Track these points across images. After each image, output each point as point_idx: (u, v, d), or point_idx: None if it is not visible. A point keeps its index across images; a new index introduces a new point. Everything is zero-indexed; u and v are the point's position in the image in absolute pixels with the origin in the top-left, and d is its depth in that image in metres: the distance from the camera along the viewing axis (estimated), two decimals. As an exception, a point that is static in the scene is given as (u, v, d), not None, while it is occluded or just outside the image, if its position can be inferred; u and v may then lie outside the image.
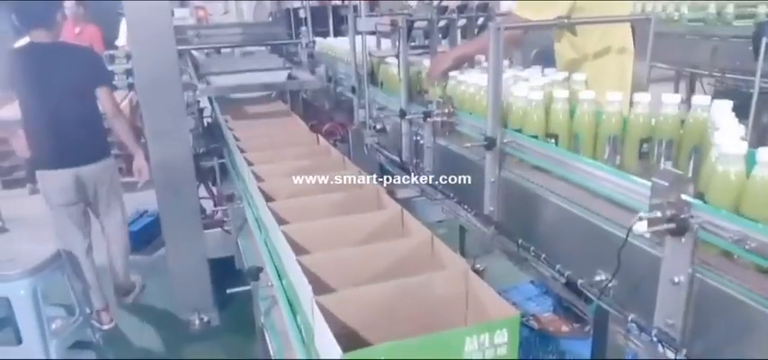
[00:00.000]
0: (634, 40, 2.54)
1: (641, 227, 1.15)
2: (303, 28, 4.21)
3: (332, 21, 5.18)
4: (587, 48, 2.58)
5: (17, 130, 3.38)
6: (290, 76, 3.54)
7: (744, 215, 1.12)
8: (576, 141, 1.76)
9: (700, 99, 1.53)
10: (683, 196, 1.14)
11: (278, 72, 3.49)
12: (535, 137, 1.80)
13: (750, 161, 1.18)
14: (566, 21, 2.27)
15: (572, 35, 2.57)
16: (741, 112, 1.61)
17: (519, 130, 1.85)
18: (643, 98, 1.63)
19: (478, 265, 2.57)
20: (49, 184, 3.40)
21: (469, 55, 2.53)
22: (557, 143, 1.79)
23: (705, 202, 1.17)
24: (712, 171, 1.22)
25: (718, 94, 4.80)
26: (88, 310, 3.29)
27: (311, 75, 3.62)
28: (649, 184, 1.20)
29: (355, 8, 2.83)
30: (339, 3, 5.22)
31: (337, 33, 4.76)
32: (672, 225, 1.14)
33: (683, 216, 1.13)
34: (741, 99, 4.46)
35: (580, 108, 1.74)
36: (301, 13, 4.33)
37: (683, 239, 1.15)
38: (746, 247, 1.05)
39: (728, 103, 1.46)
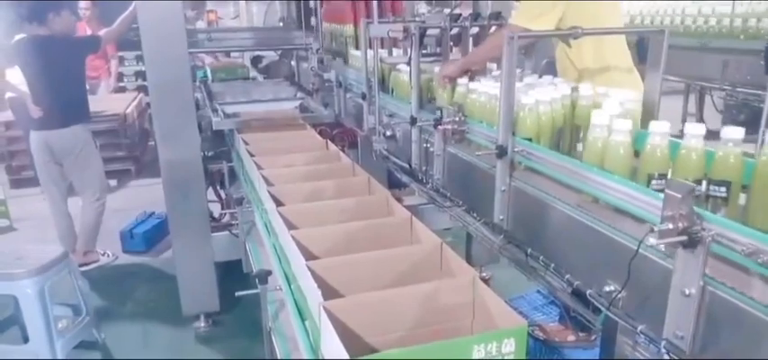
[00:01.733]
0: (638, 52, 2.53)
1: (653, 239, 1.15)
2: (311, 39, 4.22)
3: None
4: (583, 61, 2.58)
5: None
6: (302, 107, 3.57)
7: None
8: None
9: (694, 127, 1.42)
10: (696, 209, 1.13)
11: (290, 102, 3.53)
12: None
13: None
14: (564, 31, 2.25)
15: (567, 48, 2.57)
16: (751, 126, 1.60)
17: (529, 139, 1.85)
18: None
19: (485, 273, 2.57)
20: (31, 143, 4.27)
21: (477, 61, 2.55)
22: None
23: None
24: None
25: (728, 108, 4.81)
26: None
27: (322, 105, 3.68)
28: (661, 195, 1.19)
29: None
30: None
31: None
32: (684, 237, 1.13)
33: (695, 229, 1.13)
34: (752, 113, 4.47)
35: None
36: (312, 22, 4.34)
37: (694, 252, 1.14)
38: (759, 260, 1.05)
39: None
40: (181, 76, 3.05)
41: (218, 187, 4.09)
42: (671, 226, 1.14)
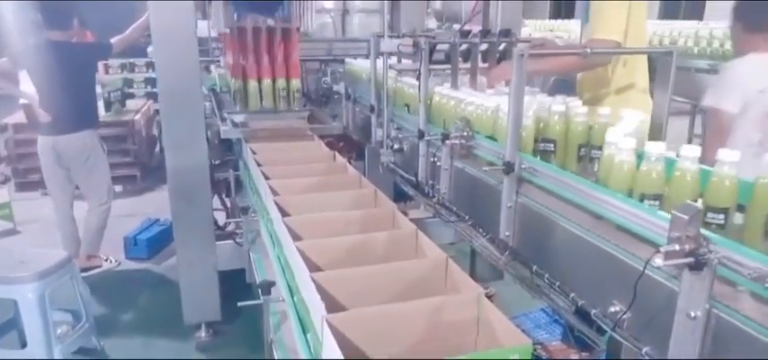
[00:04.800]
0: (650, 73, 2.57)
1: (659, 260, 1.15)
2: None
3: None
4: (613, 80, 2.62)
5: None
6: (310, 118, 3.58)
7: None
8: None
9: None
10: (702, 231, 1.13)
11: (298, 114, 3.53)
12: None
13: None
14: (574, 50, 2.30)
15: (615, 65, 2.63)
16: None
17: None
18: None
19: (489, 290, 2.55)
20: (38, 147, 4.28)
21: (544, 70, 2.71)
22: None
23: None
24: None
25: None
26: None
27: (331, 117, 3.67)
28: (668, 216, 1.19)
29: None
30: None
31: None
32: (690, 259, 1.13)
33: (701, 251, 1.12)
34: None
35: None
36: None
37: (701, 274, 1.14)
38: (766, 284, 1.04)
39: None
40: (191, 85, 3.07)
41: (223, 196, 4.10)
42: (677, 247, 1.13)
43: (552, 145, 1.92)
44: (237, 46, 3.28)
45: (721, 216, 1.33)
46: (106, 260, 4.56)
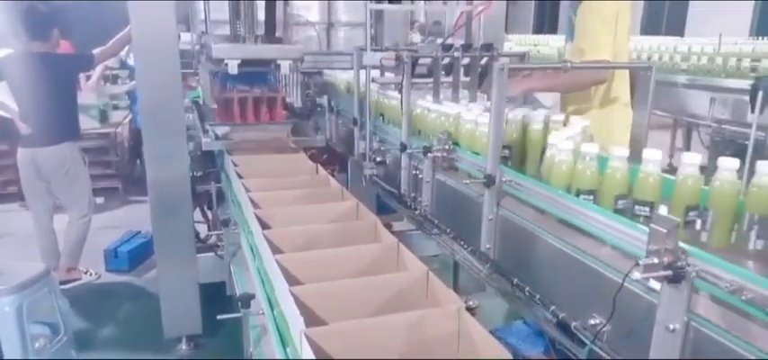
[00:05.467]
0: (631, 88, 2.62)
1: (638, 273, 1.15)
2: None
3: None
4: (595, 95, 2.65)
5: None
6: (293, 130, 3.58)
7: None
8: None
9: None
10: (681, 244, 1.13)
11: (281, 126, 3.53)
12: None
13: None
14: (554, 64, 2.34)
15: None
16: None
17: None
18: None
19: (471, 303, 2.55)
20: (18, 159, 4.21)
21: (538, 89, 2.77)
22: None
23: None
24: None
25: (715, 145, 4.86)
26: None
27: (314, 130, 3.68)
28: (647, 229, 1.19)
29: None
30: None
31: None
32: (668, 272, 1.14)
33: (679, 264, 1.13)
34: (737, 150, 4.53)
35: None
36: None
37: (679, 287, 1.14)
38: (743, 297, 1.05)
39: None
40: (173, 98, 3.05)
41: (205, 208, 4.06)
42: (656, 260, 1.14)
43: (508, 151, 2.04)
44: (223, 113, 3.41)
45: (647, 208, 1.48)
46: (86, 273, 4.48)
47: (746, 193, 1.35)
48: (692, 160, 1.44)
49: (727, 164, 1.37)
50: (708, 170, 1.49)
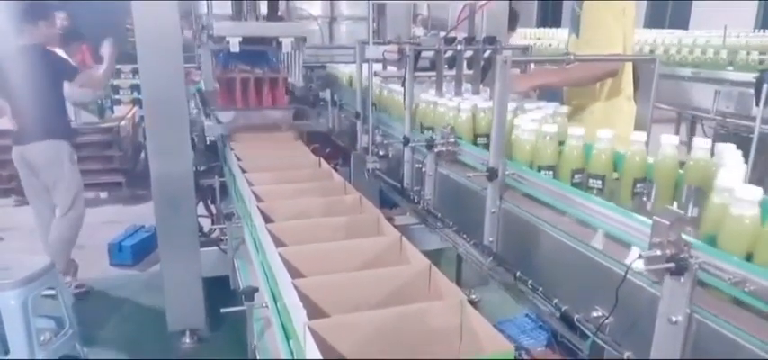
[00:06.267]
0: (635, 81, 2.61)
1: (640, 265, 1.15)
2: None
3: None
4: (601, 88, 2.64)
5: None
6: (296, 115, 3.58)
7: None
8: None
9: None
10: (684, 236, 1.13)
11: (284, 110, 3.52)
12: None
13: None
14: (557, 57, 2.33)
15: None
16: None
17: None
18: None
19: (474, 296, 2.56)
20: (12, 157, 4.18)
21: (551, 84, 2.74)
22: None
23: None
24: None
25: (718, 138, 4.85)
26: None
27: (317, 115, 3.67)
28: (650, 221, 1.19)
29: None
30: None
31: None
32: (671, 264, 1.13)
33: (682, 256, 1.13)
34: (741, 142, 4.52)
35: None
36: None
37: (681, 279, 1.14)
38: (746, 289, 1.04)
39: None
40: (175, 90, 3.05)
41: (208, 202, 4.07)
42: (659, 252, 1.14)
43: (486, 138, 2.14)
44: (226, 94, 3.39)
45: (600, 181, 1.69)
46: (77, 286, 4.27)
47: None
48: (639, 138, 1.66)
49: (669, 141, 1.57)
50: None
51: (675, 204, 1.54)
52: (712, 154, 1.52)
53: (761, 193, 1.16)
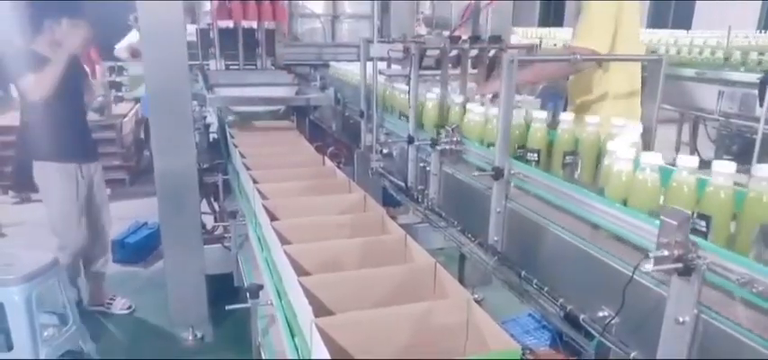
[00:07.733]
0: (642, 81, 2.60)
1: (648, 266, 1.15)
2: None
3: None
4: (610, 85, 2.64)
5: None
6: (298, 93, 3.56)
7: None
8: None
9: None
10: (691, 237, 1.13)
11: (286, 88, 3.51)
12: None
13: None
14: (562, 56, 2.34)
15: (602, 72, 2.65)
16: (744, 156, 1.62)
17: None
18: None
19: (477, 295, 2.56)
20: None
21: (533, 79, 2.85)
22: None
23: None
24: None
25: (721, 138, 4.85)
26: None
27: (320, 91, 3.65)
28: (657, 222, 1.19)
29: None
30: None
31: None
32: (679, 265, 1.13)
33: (690, 256, 1.13)
34: (744, 143, 4.52)
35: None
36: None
37: (689, 280, 1.14)
38: (754, 290, 1.04)
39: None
40: (180, 89, 3.06)
41: (212, 199, 4.07)
42: (666, 253, 1.13)
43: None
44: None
45: (536, 155, 1.93)
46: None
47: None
48: (567, 117, 1.88)
49: (591, 120, 1.83)
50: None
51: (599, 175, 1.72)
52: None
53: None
